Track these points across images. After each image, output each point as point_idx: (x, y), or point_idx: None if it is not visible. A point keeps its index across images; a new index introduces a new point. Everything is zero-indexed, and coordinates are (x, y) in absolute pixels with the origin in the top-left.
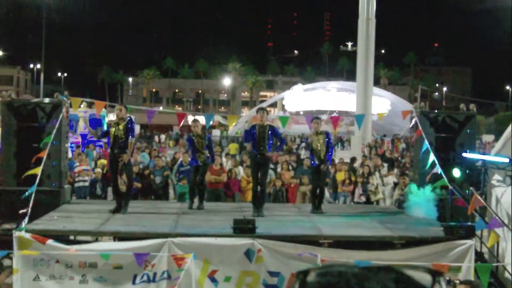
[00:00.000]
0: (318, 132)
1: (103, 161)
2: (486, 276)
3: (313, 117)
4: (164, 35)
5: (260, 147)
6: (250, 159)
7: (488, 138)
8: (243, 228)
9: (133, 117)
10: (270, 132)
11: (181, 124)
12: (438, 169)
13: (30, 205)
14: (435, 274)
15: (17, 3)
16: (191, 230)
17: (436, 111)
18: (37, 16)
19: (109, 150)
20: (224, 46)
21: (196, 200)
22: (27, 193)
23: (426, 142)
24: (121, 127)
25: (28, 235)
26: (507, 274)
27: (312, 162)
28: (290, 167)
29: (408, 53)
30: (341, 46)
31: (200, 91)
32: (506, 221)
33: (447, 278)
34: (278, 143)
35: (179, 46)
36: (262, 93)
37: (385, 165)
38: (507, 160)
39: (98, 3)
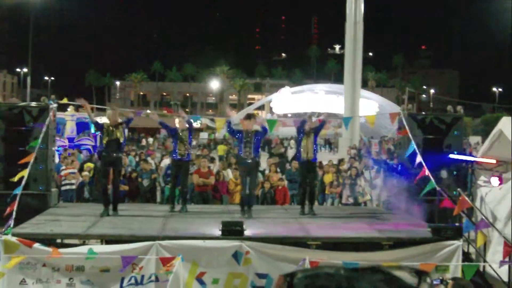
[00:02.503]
0: (310, 130)
1: (90, 165)
2: (471, 275)
3: (307, 115)
4: (151, 38)
5: (247, 152)
6: (238, 163)
7: (474, 139)
8: (231, 230)
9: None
10: (256, 137)
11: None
12: (426, 171)
13: (15, 207)
14: (421, 274)
15: (3, 6)
16: (179, 232)
17: (423, 113)
18: (24, 19)
19: (103, 153)
20: (212, 49)
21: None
22: (11, 196)
23: (413, 143)
24: (118, 131)
25: (14, 239)
26: (493, 273)
27: (299, 157)
28: (278, 169)
29: (396, 56)
30: (329, 49)
31: (188, 94)
32: (490, 220)
33: (440, 278)
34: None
35: (167, 49)
36: (250, 96)
37: (375, 166)
38: (493, 161)
39: (85, 6)
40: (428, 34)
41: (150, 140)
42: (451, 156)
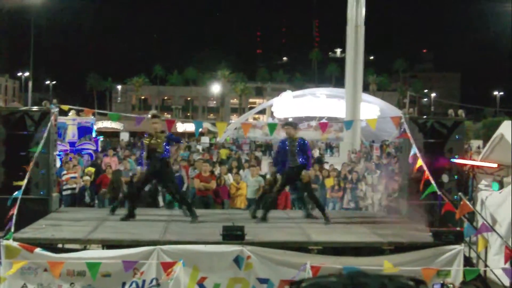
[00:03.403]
0: (292, 138)
1: (91, 169)
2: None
3: (285, 123)
4: (152, 42)
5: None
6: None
7: (476, 143)
8: (232, 235)
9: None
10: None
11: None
12: (427, 175)
13: (15, 211)
14: (418, 282)
15: (5, 11)
16: (180, 237)
17: (424, 116)
18: (25, 24)
19: (145, 163)
20: (213, 53)
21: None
22: (10, 200)
23: (415, 147)
24: (159, 140)
25: (15, 244)
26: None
27: (286, 164)
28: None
29: (397, 59)
30: (330, 53)
31: (189, 98)
32: (490, 224)
33: (441, 282)
34: None
35: (168, 53)
36: (251, 100)
37: (378, 171)
38: (495, 165)
39: (86, 11)
40: (429, 38)
41: None
42: (453, 160)
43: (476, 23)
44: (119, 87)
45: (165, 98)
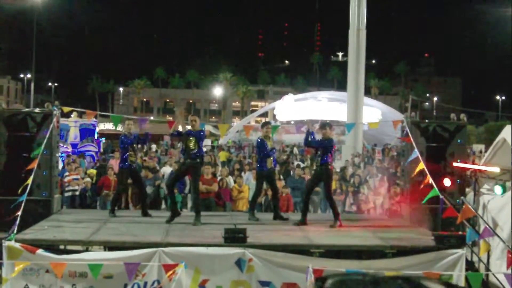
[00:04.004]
0: (269, 137)
1: (93, 171)
2: (477, 285)
3: (264, 122)
4: (154, 45)
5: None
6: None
7: (478, 147)
8: (234, 237)
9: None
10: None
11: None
12: (429, 179)
13: (20, 213)
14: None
15: (7, 12)
16: (182, 239)
17: (426, 121)
18: (28, 26)
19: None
20: (215, 56)
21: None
22: (16, 202)
23: (416, 151)
24: (192, 138)
25: (17, 245)
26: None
27: (264, 166)
28: (281, 177)
29: (399, 63)
30: (332, 56)
31: (191, 101)
32: (492, 227)
33: None
34: None
35: (170, 56)
36: (253, 103)
37: (379, 175)
38: (497, 169)
39: (89, 13)
40: (431, 42)
41: (154, 146)
42: (455, 164)
43: (477, 27)
44: (121, 89)
45: (167, 100)
